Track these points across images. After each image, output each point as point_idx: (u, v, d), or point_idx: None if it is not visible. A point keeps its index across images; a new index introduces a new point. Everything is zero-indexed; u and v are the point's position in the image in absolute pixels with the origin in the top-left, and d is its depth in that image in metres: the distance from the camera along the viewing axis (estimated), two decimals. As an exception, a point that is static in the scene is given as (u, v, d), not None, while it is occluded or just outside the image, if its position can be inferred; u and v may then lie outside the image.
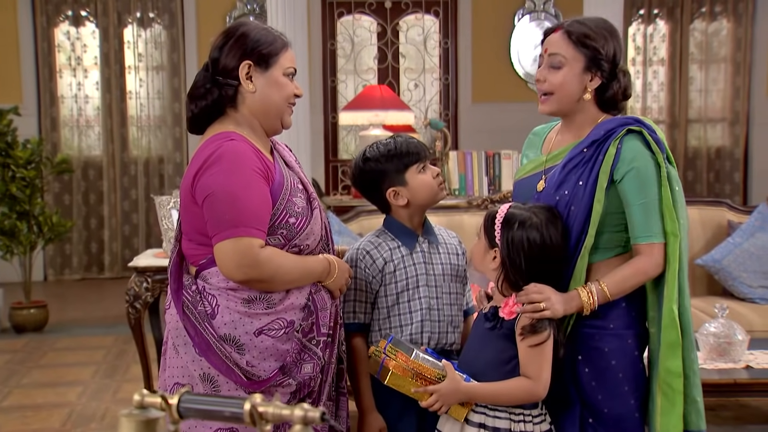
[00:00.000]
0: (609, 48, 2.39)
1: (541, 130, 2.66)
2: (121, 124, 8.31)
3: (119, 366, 5.41)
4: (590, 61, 2.38)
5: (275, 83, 2.32)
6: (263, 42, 2.31)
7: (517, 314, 2.33)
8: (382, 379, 2.37)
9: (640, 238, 2.34)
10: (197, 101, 2.33)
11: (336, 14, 8.41)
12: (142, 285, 3.97)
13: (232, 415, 0.96)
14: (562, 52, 2.41)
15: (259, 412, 0.94)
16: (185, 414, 0.98)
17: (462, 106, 8.52)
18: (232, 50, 2.30)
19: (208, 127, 2.34)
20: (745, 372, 3.35)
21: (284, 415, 0.95)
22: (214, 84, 2.31)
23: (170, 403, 0.98)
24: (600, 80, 2.40)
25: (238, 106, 2.33)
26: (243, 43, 2.29)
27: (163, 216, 4.15)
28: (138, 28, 8.29)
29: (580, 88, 2.41)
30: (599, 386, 2.39)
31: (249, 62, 2.29)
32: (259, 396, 0.96)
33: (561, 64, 2.40)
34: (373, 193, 2.64)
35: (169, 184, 8.32)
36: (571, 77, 2.40)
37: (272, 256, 2.22)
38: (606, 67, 2.39)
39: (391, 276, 2.59)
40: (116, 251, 8.32)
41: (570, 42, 2.40)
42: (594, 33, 2.39)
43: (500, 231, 2.35)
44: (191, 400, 0.98)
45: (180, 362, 2.28)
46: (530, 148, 2.66)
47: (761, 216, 4.53)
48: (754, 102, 8.60)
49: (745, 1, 8.47)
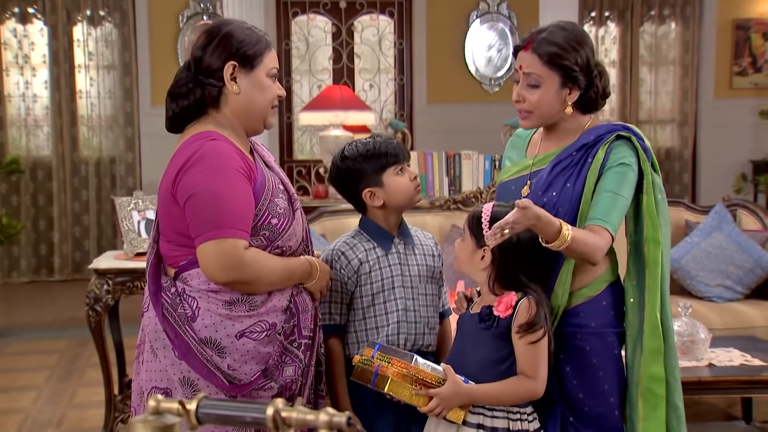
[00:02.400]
0: (581, 59, 2.38)
1: (524, 132, 2.66)
2: (71, 123, 8.15)
3: (74, 370, 5.31)
4: (565, 78, 2.38)
5: (259, 85, 2.30)
6: (248, 42, 2.27)
7: (512, 312, 2.33)
8: (379, 387, 2.30)
9: (597, 219, 2.31)
10: (179, 100, 2.28)
11: (290, 14, 8.37)
12: (102, 287, 3.89)
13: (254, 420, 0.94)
14: (535, 71, 2.39)
15: (282, 417, 0.92)
16: (204, 419, 0.95)
17: (417, 107, 8.54)
18: (216, 50, 2.26)
19: (187, 126, 2.31)
20: (708, 370, 3.40)
21: (308, 420, 0.92)
22: (197, 84, 2.27)
23: (188, 408, 0.95)
24: (578, 91, 2.40)
25: (221, 107, 2.29)
26: (228, 43, 2.26)
27: (124, 217, 4.08)
28: (88, 26, 8.15)
29: (559, 103, 2.41)
30: (580, 384, 2.41)
31: (234, 63, 2.26)
32: (281, 400, 0.94)
33: (537, 82, 2.39)
34: (350, 192, 2.62)
35: (121, 184, 8.19)
36: (549, 96, 2.39)
37: (256, 257, 2.19)
38: (581, 78, 2.39)
39: (367, 277, 2.57)
40: (66, 253, 8.16)
41: (542, 62, 2.38)
42: (563, 50, 2.37)
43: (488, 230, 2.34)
44: (210, 405, 0.95)
45: (158, 366, 2.23)
46: (513, 150, 2.66)
47: (718, 216, 4.61)
48: (701, 104, 8.76)
49: (692, 5, 8.62)
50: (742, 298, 4.49)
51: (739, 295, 4.48)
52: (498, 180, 2.67)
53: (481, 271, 2.40)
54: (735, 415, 4.31)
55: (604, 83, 2.44)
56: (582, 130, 2.44)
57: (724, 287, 4.46)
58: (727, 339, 3.84)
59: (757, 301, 4.46)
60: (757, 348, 3.68)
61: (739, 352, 3.59)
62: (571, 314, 2.40)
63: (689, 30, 8.65)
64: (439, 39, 8.48)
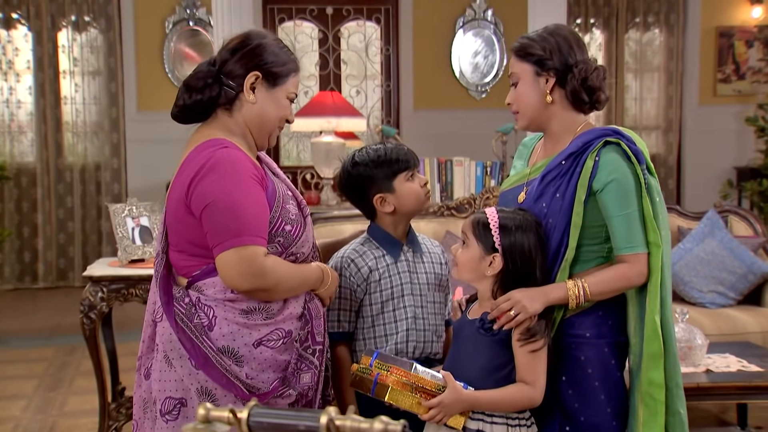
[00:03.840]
0: (550, 45, 2.40)
1: (529, 141, 2.67)
2: (56, 129, 8.09)
3: (63, 378, 5.26)
4: (537, 66, 2.41)
5: (277, 102, 2.30)
6: (278, 60, 2.28)
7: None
8: (380, 396, 2.29)
9: (624, 249, 2.33)
10: (194, 92, 2.26)
11: (277, 20, 8.35)
12: (97, 295, 3.85)
13: (307, 429, 0.92)
14: (514, 70, 2.47)
15: (336, 425, 0.91)
16: (256, 428, 0.94)
17: (404, 113, 8.54)
18: (245, 57, 2.26)
19: (196, 122, 2.30)
20: (705, 376, 3.41)
21: (363, 428, 0.91)
22: (217, 81, 2.26)
23: (240, 416, 0.94)
24: (553, 78, 2.40)
25: (233, 112, 2.28)
26: (258, 54, 2.26)
27: (118, 224, 4.04)
28: (73, 31, 8.09)
29: (538, 94, 2.42)
30: (576, 394, 2.40)
31: (257, 74, 2.26)
32: (333, 408, 0.93)
33: (517, 80, 2.46)
34: (360, 198, 2.62)
35: (107, 191, 8.12)
36: (526, 89, 2.44)
37: (276, 264, 2.18)
38: (553, 64, 2.39)
39: (376, 285, 2.56)
40: (51, 260, 8.09)
41: (517, 58, 2.46)
42: (533, 41, 2.43)
43: (499, 236, 2.34)
44: (262, 414, 0.94)
45: (174, 376, 2.21)
46: (518, 159, 2.66)
47: (710, 222, 4.63)
48: (686, 110, 8.82)
49: (676, 12, 8.69)
50: (735, 304, 4.51)
51: (732, 301, 4.50)
52: (500, 189, 2.67)
53: (487, 277, 2.39)
54: (728, 421, 4.33)
55: (584, 72, 2.40)
56: (575, 133, 2.43)
57: (717, 293, 4.48)
58: (723, 345, 3.85)
59: (749, 307, 4.49)
60: (753, 354, 3.70)
61: (736, 358, 3.61)
62: (567, 324, 2.40)
63: (674, 37, 8.72)
64: (426, 45, 8.49)
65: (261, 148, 2.37)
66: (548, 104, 2.43)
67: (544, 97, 2.42)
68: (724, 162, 8.74)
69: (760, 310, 4.45)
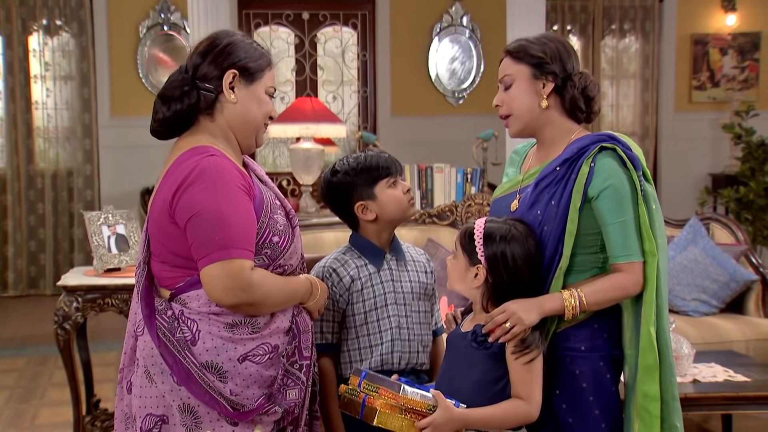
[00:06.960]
0: (551, 50, 2.37)
1: (521, 148, 2.62)
2: (26, 135, 7.94)
3: (35, 390, 5.13)
4: (535, 68, 2.36)
5: (257, 99, 2.24)
6: (251, 56, 2.22)
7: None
8: (368, 419, 2.21)
9: (619, 257, 2.29)
10: (171, 103, 2.18)
11: (253, 25, 8.26)
12: (71, 305, 3.75)
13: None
14: (509, 71, 2.41)
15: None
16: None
17: (381, 119, 8.49)
18: (218, 58, 2.19)
19: (178, 136, 2.22)
20: (692, 386, 3.37)
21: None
22: (193, 87, 2.18)
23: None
24: (552, 83, 2.36)
25: (215, 115, 2.21)
26: (231, 52, 2.19)
27: (93, 232, 3.95)
28: (44, 35, 7.95)
29: (534, 98, 2.38)
30: (570, 409, 2.35)
31: (234, 72, 2.19)
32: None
33: (511, 82, 2.40)
34: (341, 207, 2.57)
35: (79, 197, 7.98)
36: (521, 91, 2.39)
37: (263, 278, 2.11)
38: (553, 68, 2.36)
39: (359, 294, 2.51)
40: (21, 268, 7.93)
41: (513, 59, 2.40)
42: (532, 43, 2.38)
43: (482, 247, 2.28)
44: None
45: (155, 392, 2.12)
46: (510, 167, 2.62)
47: (692, 229, 4.61)
48: (662, 117, 8.85)
49: (651, 20, 8.72)
50: (718, 312, 4.48)
51: (715, 309, 4.47)
52: (492, 197, 2.61)
53: (474, 289, 2.34)
54: (711, 431, 4.30)
55: (584, 82, 2.38)
56: (569, 141, 2.38)
57: (699, 301, 4.46)
58: (708, 354, 3.81)
59: (732, 315, 4.47)
60: (738, 363, 3.66)
61: (722, 368, 3.56)
62: (562, 336, 2.35)
63: (649, 44, 8.75)
64: (403, 51, 8.45)
65: (248, 151, 2.30)
66: (543, 109, 2.38)
67: (540, 100, 2.37)
68: (700, 169, 8.77)
69: (743, 318, 4.43)
